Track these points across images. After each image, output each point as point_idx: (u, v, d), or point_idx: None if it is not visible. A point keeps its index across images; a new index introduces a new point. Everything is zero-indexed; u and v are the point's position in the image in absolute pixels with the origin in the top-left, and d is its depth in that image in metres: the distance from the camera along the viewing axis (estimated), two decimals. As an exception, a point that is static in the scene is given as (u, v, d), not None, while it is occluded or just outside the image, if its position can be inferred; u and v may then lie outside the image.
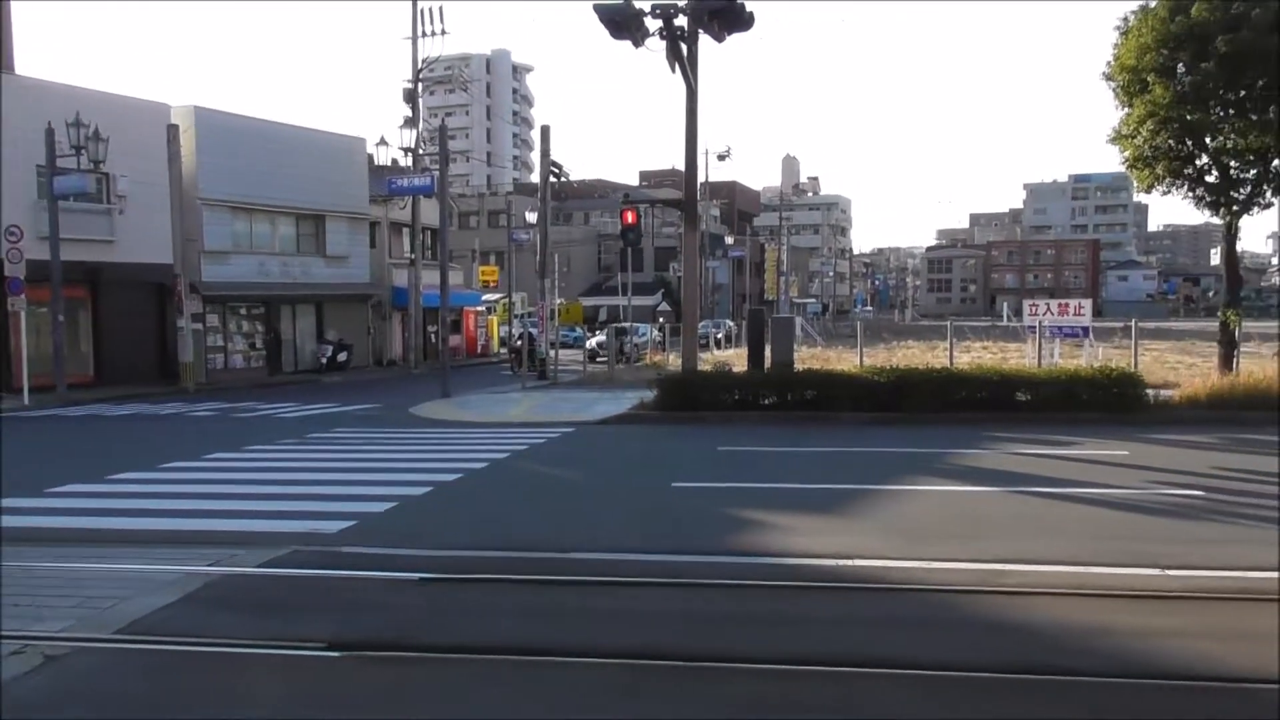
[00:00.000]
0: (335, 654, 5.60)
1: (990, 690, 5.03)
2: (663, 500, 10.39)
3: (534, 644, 5.71)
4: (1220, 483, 10.63)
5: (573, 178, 40.13)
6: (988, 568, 7.23)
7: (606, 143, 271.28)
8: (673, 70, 18.16)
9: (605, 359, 30.40)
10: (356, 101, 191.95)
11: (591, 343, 34.33)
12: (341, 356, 33.87)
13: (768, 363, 20.16)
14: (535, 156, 30.97)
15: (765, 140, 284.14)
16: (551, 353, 27.92)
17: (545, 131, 28.61)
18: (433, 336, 36.31)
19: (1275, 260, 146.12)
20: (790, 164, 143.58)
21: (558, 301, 31.72)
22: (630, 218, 26.50)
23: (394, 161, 38.39)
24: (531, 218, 36.26)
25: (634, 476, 12.45)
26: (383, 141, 37.07)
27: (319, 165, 33.30)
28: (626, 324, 34.05)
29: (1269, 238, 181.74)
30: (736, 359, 27.51)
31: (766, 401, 17.56)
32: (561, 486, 11.69)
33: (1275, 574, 6.89)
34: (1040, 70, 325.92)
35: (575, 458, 14.05)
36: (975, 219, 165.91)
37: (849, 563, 7.44)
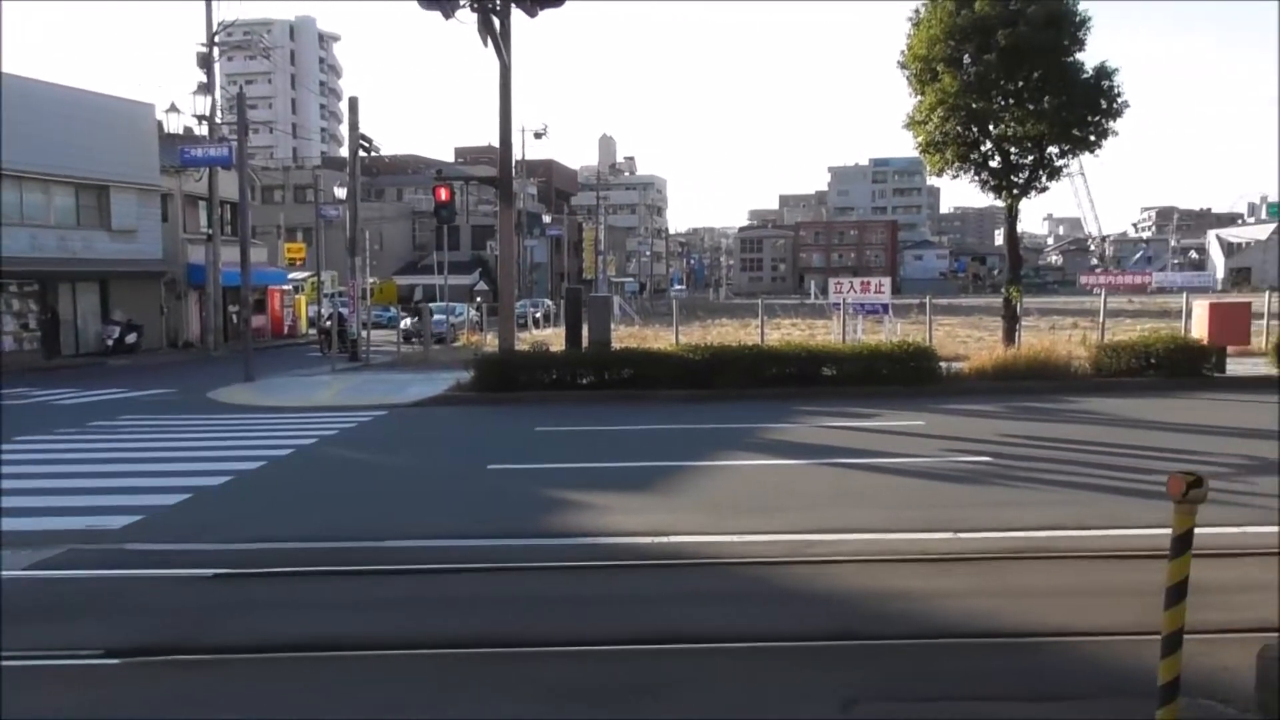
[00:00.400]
0: (114, 661, 5.15)
1: (797, 659, 5.17)
2: (479, 484, 10.19)
3: (339, 639, 5.44)
4: (1006, 448, 11.42)
5: (385, 152, 38.68)
6: (797, 538, 7.45)
7: (420, 118, 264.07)
8: (485, 44, 17.74)
9: (420, 340, 29.64)
10: (145, 65, 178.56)
11: (406, 323, 33.39)
12: (131, 338, 31.47)
13: (585, 342, 20.16)
14: (344, 129, 29.59)
15: (582, 119, 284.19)
16: (363, 333, 26.96)
17: (354, 103, 27.45)
18: (234, 317, 34.32)
19: (1050, 240, 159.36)
20: (607, 143, 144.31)
21: (370, 280, 30.58)
22: (444, 195, 25.86)
23: (187, 130, 35.88)
24: (341, 193, 34.86)
25: (449, 460, 12.16)
26: (173, 108, 34.53)
27: (100, 132, 30.64)
28: (443, 303, 33.30)
29: (1044, 219, 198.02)
30: (554, 338, 27.42)
31: (584, 381, 17.56)
32: (372, 472, 11.27)
33: (1051, 533, 7.44)
34: (845, 56, 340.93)
35: (387, 442, 13.60)
36: (784, 200, 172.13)
37: (664, 539, 7.50)
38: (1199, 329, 18.77)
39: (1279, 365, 18.07)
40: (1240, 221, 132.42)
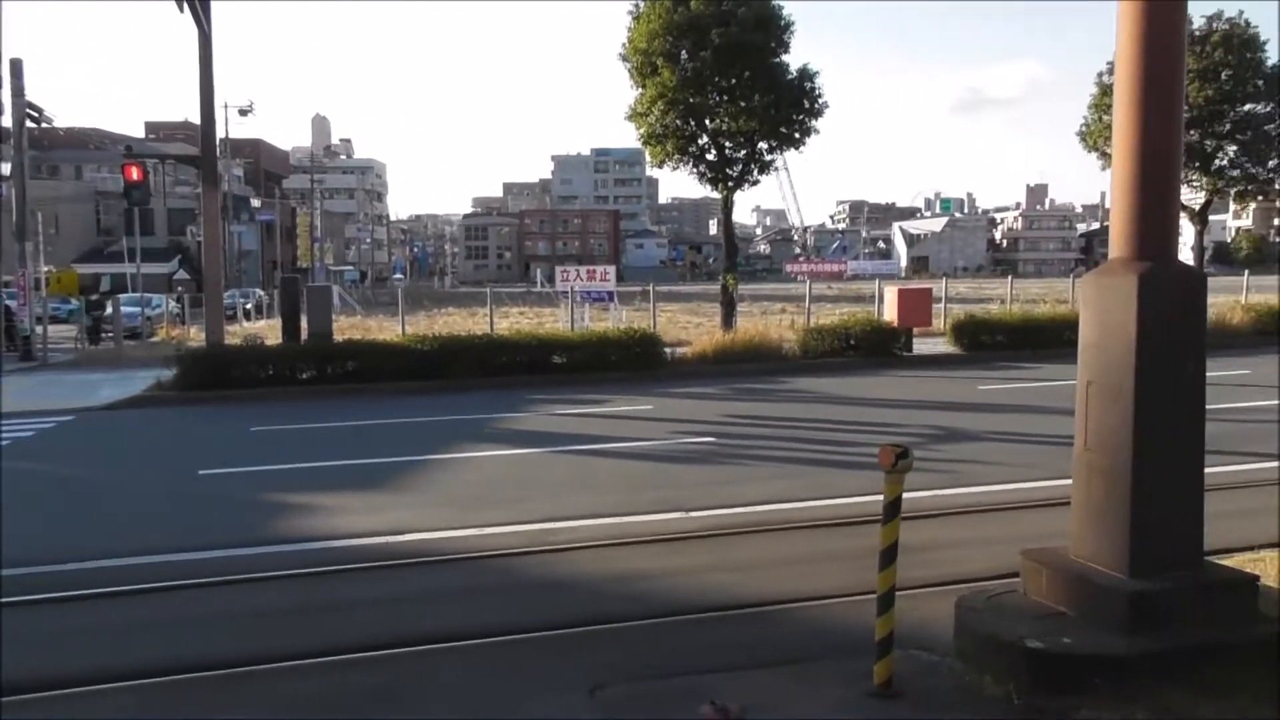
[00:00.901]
0: None
1: (544, 649, 5.20)
2: (191, 491, 9.43)
3: (40, 678, 4.85)
4: (729, 428, 12.09)
5: (59, 124, 34.69)
6: (537, 528, 7.50)
7: (105, 88, 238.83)
8: (181, 9, 16.36)
9: (110, 334, 26.93)
10: None
11: (91, 316, 30.18)
12: None
13: (304, 334, 19.18)
14: (6, 96, 26.16)
15: (293, 97, 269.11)
16: (39, 329, 24.11)
17: (16, 66, 24.39)
18: None
19: (759, 230, 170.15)
20: (321, 124, 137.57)
21: (45, 269, 27.37)
22: (136, 174, 23.70)
23: None
24: (4, 169, 30.88)
25: (154, 467, 11.15)
26: None
27: None
28: (136, 294, 30.42)
29: (754, 210, 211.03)
30: (269, 331, 25.85)
31: (305, 376, 16.72)
32: (61, 486, 10.10)
33: (774, 506, 7.97)
34: (568, 45, 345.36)
35: (77, 451, 12.26)
36: (509, 188, 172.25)
37: (401, 538, 7.30)
38: (890, 312, 20.76)
39: (956, 343, 20.38)
40: (919, 215, 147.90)
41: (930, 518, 7.53)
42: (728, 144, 20.79)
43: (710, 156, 21.08)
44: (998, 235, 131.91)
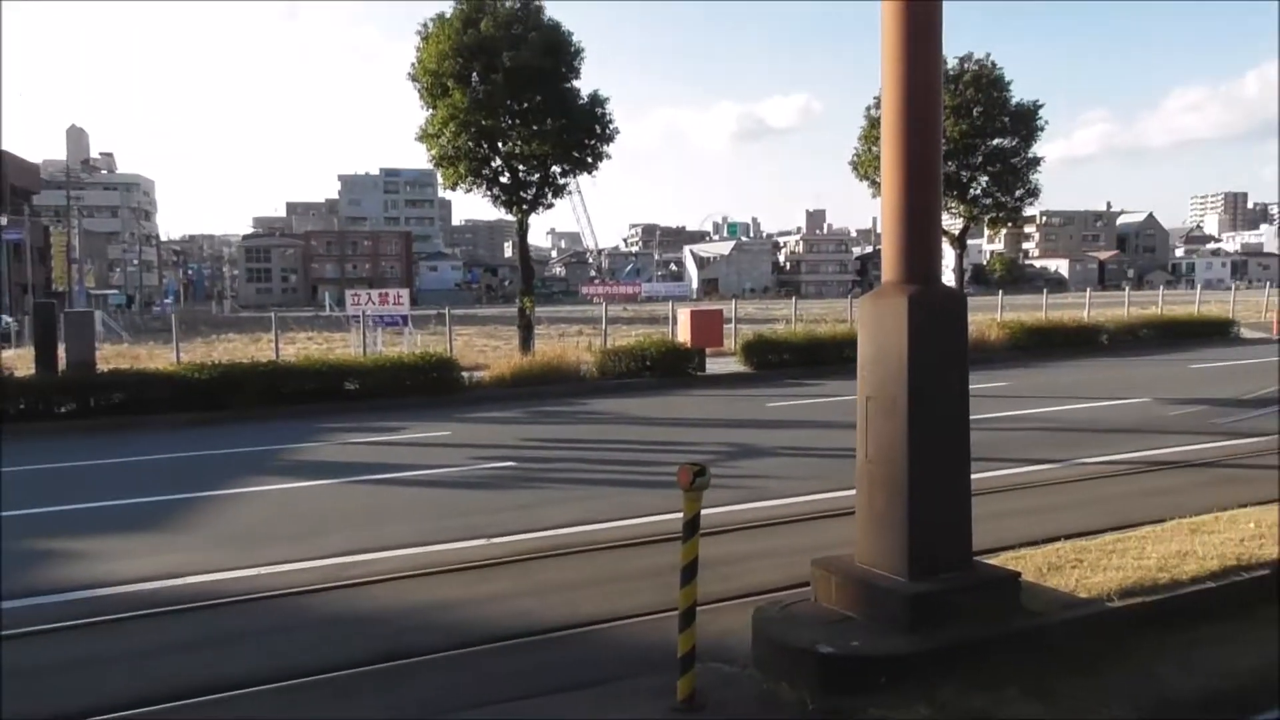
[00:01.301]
0: None
1: (342, 689, 5.00)
2: (-74, 543, 8.42)
3: None
4: (529, 452, 12.05)
5: None
6: (331, 563, 7.20)
7: None
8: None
9: None
10: None
11: None
12: None
13: (62, 364, 17.61)
14: None
15: (44, 107, 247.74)
16: None
17: None
18: None
19: (554, 253, 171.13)
20: (78, 135, 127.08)
21: None
22: None
23: None
24: None
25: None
26: None
27: None
28: None
29: (548, 233, 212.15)
30: (20, 361, 23.56)
31: (63, 409, 15.35)
32: None
33: (576, 529, 8.01)
34: (354, 62, 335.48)
35: None
36: (293, 208, 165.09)
37: (178, 582, 6.82)
38: (683, 333, 21.37)
39: (746, 362, 21.21)
40: (708, 238, 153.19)
41: (727, 533, 7.78)
42: (521, 167, 20.82)
43: (504, 179, 21.04)
44: (781, 258, 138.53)
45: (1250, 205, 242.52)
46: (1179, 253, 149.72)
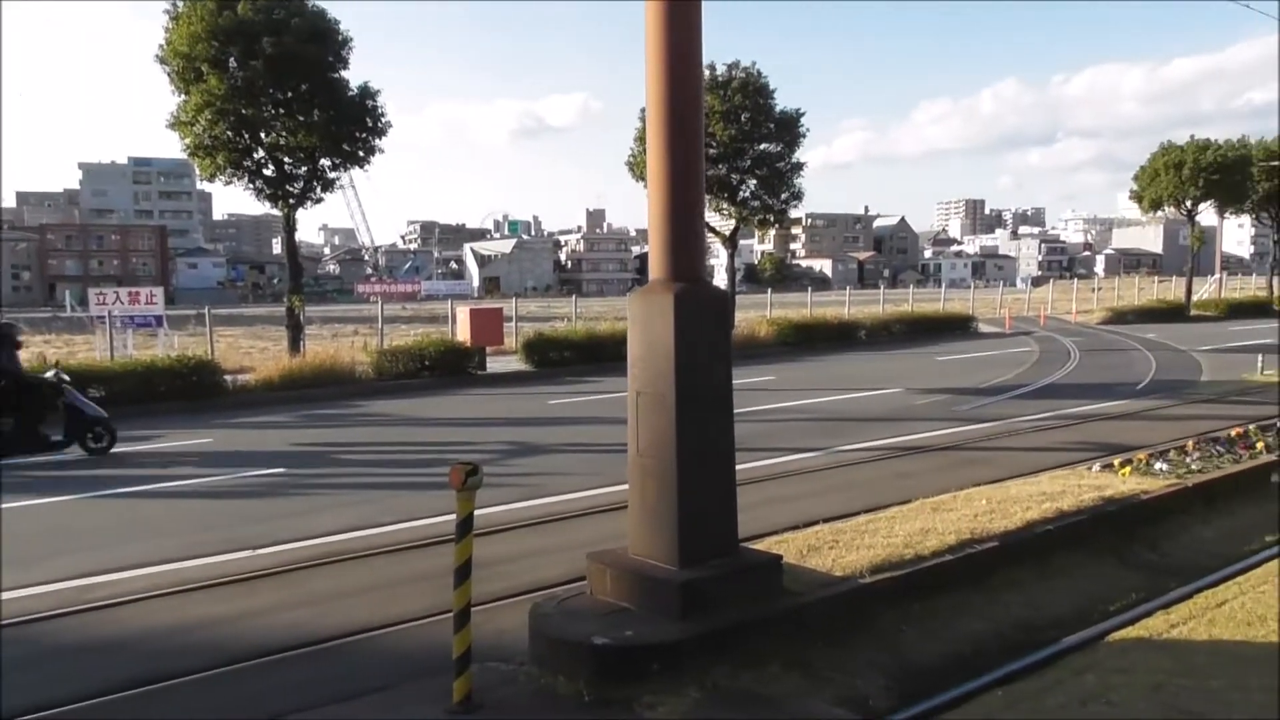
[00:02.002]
0: None
1: (88, 721, 4.64)
2: None
3: None
4: (300, 457, 11.56)
5: None
6: (72, 585, 6.65)
7: None
8: None
9: None
10: None
11: None
12: None
13: None
14: None
15: None
16: None
17: None
18: None
19: (327, 250, 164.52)
20: None
21: None
22: None
23: None
24: None
25: None
26: None
27: None
28: None
29: (320, 229, 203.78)
30: None
31: None
32: None
33: (349, 535, 7.78)
34: (99, 41, 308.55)
35: None
36: (24, 198, 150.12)
37: (-112, 618, 6.08)
38: (463, 332, 21.13)
39: (528, 360, 21.24)
40: (489, 236, 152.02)
41: (506, 531, 7.79)
42: (287, 159, 19.85)
43: (268, 172, 19.99)
44: (563, 256, 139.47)
45: (987, 211, 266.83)
46: (927, 254, 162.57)
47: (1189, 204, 38.02)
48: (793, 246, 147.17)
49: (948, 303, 37.56)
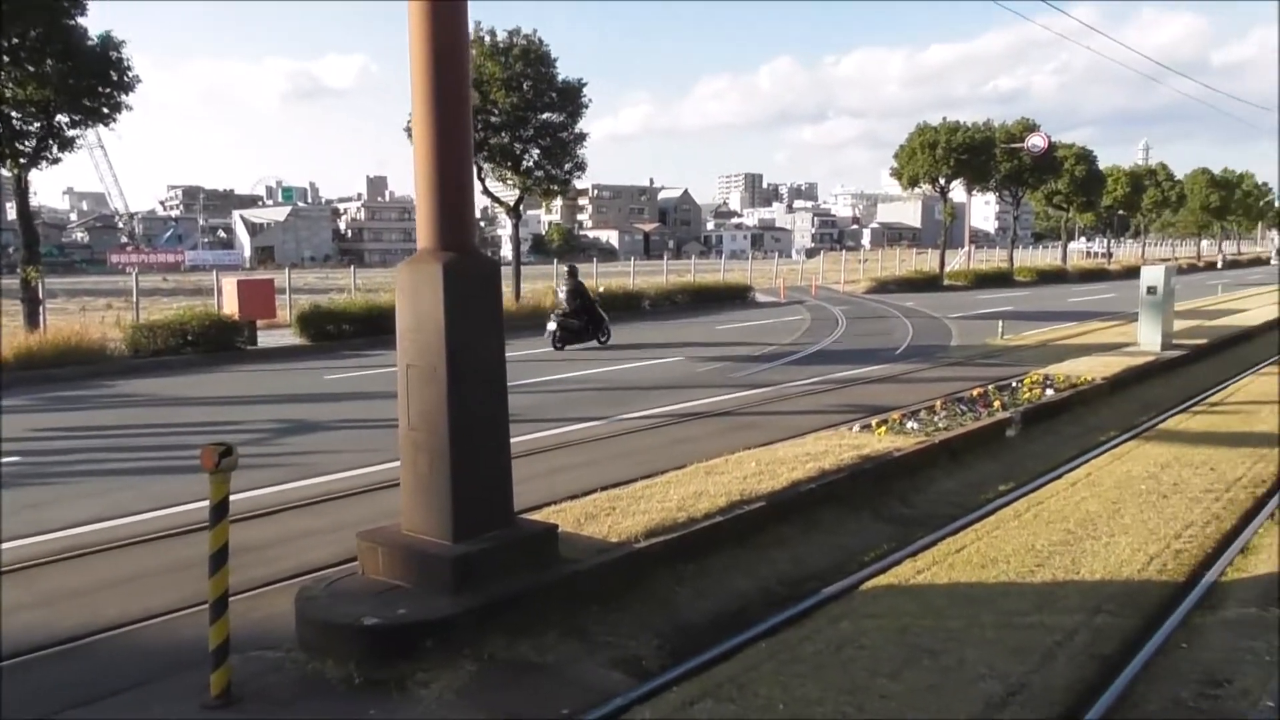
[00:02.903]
0: None
1: None
2: None
3: None
4: (39, 444, 10.57)
5: None
6: None
7: None
8: None
9: None
10: None
11: None
12: None
13: None
14: None
15: None
16: None
17: None
18: None
19: (74, 216, 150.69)
20: None
21: None
22: None
23: None
24: None
25: None
26: None
27: None
28: None
29: (65, 193, 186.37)
30: None
31: None
32: None
33: (96, 526, 7.21)
34: None
35: None
36: None
37: None
38: (230, 305, 19.94)
39: (303, 334, 20.32)
40: (261, 204, 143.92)
41: (276, 513, 7.46)
42: (15, 114, 17.95)
43: (-2, 128, 18.02)
44: (343, 226, 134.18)
45: (765, 185, 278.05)
46: (710, 226, 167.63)
47: (942, 181, 41.09)
48: (580, 217, 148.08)
49: (728, 273, 38.90)
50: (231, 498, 4.41)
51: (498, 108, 23.55)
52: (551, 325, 19.24)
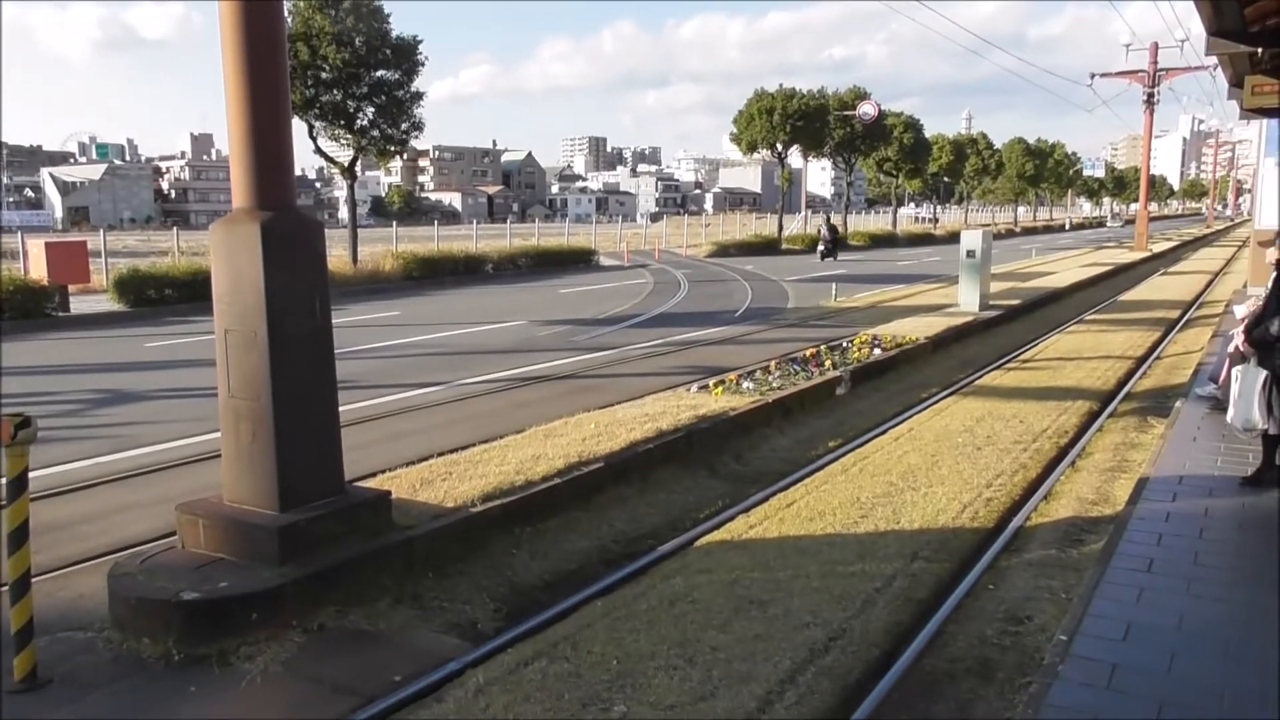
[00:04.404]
0: None
1: None
2: None
3: None
4: None
5: None
6: None
7: None
8: None
9: None
10: None
11: None
12: None
13: None
14: None
15: None
16: None
17: None
18: None
19: None
20: None
21: None
22: None
23: None
24: None
25: None
26: None
27: None
28: None
29: None
30: None
31: None
32: None
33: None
34: None
35: None
36: None
37: None
38: (38, 269, 18.55)
39: (121, 300, 19.11)
40: (73, 161, 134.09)
41: (90, 487, 7.02)
42: None
43: None
44: (165, 185, 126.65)
45: (609, 149, 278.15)
46: (555, 189, 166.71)
47: (779, 147, 42.04)
48: (421, 179, 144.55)
49: (572, 237, 38.84)
50: (43, 472, 4.15)
51: (328, 63, 22.59)
52: None
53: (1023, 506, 6.81)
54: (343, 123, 23.67)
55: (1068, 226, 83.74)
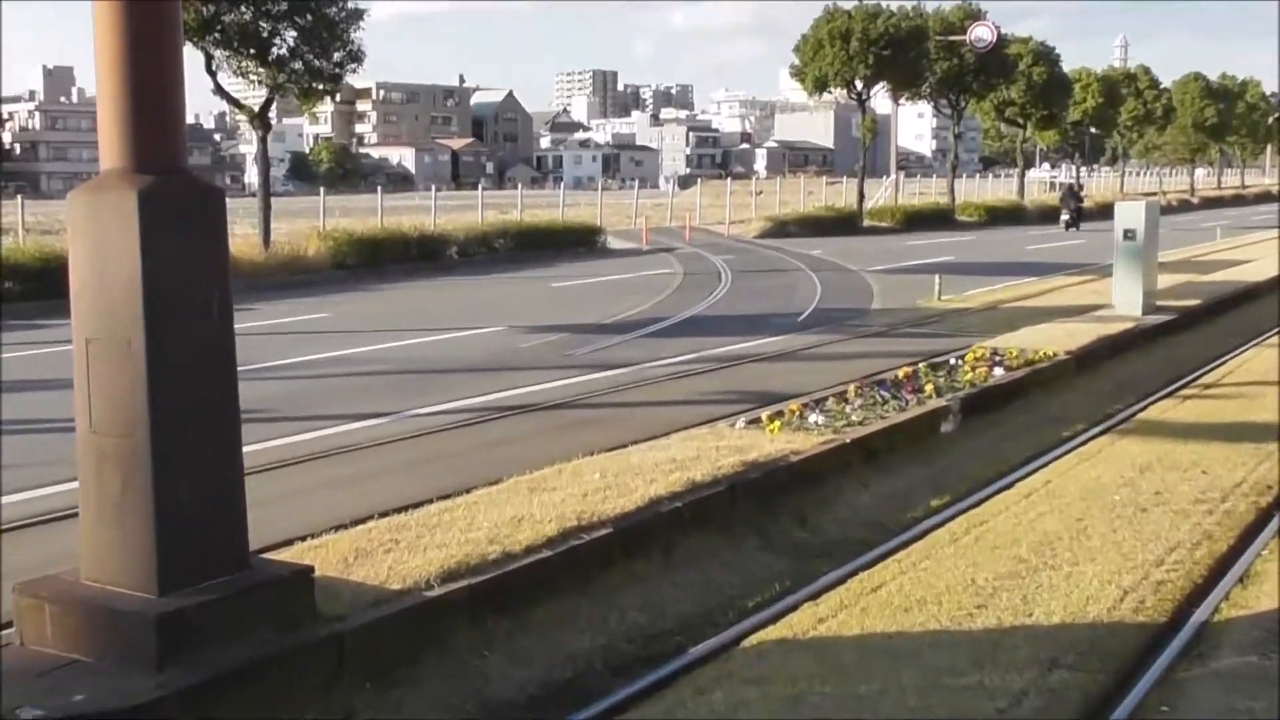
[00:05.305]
0: None
1: None
2: None
3: None
4: None
5: None
6: None
7: None
8: None
9: None
10: None
11: None
12: None
13: None
14: None
15: None
16: None
17: None
18: None
19: None
20: None
21: None
22: None
23: None
24: None
25: None
26: None
27: None
28: None
29: None
30: None
31: None
32: None
33: None
34: None
35: None
36: None
37: None
38: None
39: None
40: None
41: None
42: None
43: None
44: (7, 138, 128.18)
45: (621, 87, 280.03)
46: (545, 142, 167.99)
47: (859, 85, 42.07)
48: (360, 130, 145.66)
49: (570, 209, 39.08)
50: None
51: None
52: None
53: (1209, 593, 6.73)
54: (253, 52, 23.86)
55: (1275, 192, 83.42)
